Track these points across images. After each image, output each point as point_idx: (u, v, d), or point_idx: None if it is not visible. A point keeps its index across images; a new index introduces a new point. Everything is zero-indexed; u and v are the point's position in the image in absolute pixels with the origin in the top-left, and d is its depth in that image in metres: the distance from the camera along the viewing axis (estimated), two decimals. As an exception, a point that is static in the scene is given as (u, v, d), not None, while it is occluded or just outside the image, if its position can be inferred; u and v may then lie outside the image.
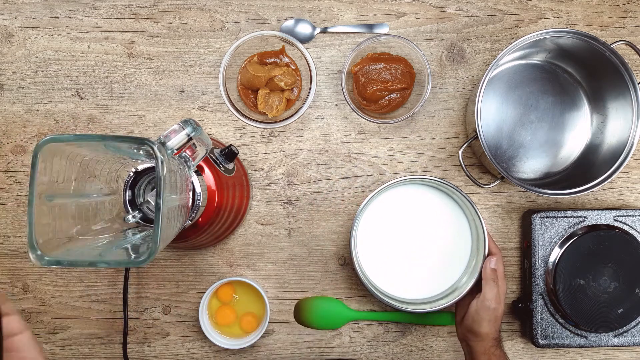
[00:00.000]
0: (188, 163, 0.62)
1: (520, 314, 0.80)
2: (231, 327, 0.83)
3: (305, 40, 0.82)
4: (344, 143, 0.83)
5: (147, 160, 0.63)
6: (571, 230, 0.78)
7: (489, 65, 0.74)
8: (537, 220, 0.78)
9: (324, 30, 0.82)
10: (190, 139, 0.59)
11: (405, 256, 0.79)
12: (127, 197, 0.65)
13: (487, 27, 0.83)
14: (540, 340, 0.78)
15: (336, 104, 0.83)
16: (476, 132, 0.72)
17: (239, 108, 0.78)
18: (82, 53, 0.83)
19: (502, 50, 0.72)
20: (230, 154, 0.72)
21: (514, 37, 0.83)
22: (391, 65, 0.78)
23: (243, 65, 0.80)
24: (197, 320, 0.83)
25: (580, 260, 0.76)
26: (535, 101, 0.81)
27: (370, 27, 0.82)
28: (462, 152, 0.75)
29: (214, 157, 0.71)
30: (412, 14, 0.83)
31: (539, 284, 0.78)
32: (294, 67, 0.80)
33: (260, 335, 0.80)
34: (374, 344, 0.83)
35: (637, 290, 0.76)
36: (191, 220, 0.66)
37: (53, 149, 0.53)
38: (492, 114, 0.81)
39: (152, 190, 0.65)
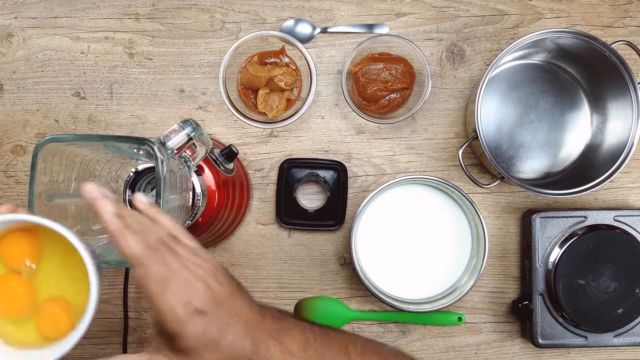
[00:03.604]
0: (188, 163, 0.62)
1: (520, 314, 0.80)
2: (20, 325, 0.46)
3: (305, 40, 0.82)
4: (344, 143, 0.83)
5: (147, 160, 0.63)
6: (571, 230, 0.78)
7: (489, 65, 0.74)
8: (537, 220, 0.78)
9: (324, 30, 0.82)
10: (190, 139, 0.60)
11: (405, 256, 0.79)
12: (127, 197, 0.65)
13: (487, 27, 0.83)
14: (540, 340, 0.78)
15: (336, 104, 0.83)
16: (476, 132, 0.72)
17: (239, 108, 0.78)
18: (82, 53, 0.83)
19: (502, 50, 0.72)
20: (230, 154, 0.72)
21: (514, 37, 0.83)
22: (391, 65, 0.78)
23: (243, 65, 0.80)
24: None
25: (580, 260, 0.76)
26: (535, 101, 0.81)
27: (370, 27, 0.82)
28: (462, 152, 0.75)
29: (214, 157, 0.71)
30: (412, 14, 0.83)
31: (539, 284, 0.78)
32: (294, 67, 0.80)
33: (74, 342, 0.44)
34: (374, 344, 0.83)
35: (637, 290, 0.76)
36: (191, 220, 0.66)
37: (53, 149, 0.53)
38: (492, 114, 0.81)
39: (152, 190, 0.65)
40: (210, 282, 0.44)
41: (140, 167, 0.65)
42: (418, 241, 0.79)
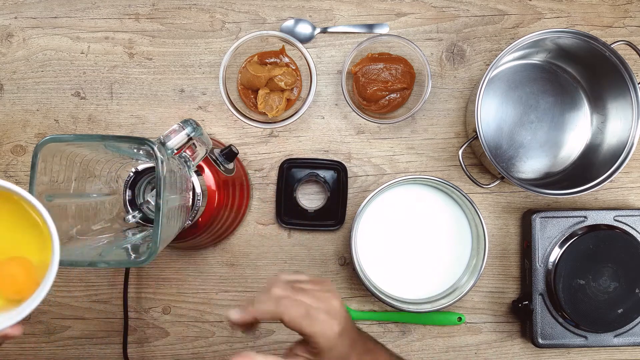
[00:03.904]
0: (188, 163, 0.62)
1: (520, 314, 0.80)
2: None
3: (305, 40, 0.82)
4: (344, 143, 0.83)
5: (147, 160, 0.63)
6: (571, 230, 0.78)
7: (489, 65, 0.74)
8: (537, 220, 0.78)
9: (324, 30, 0.82)
10: (190, 139, 0.60)
11: (405, 256, 0.79)
12: (127, 197, 0.65)
13: (487, 27, 0.83)
14: (540, 340, 0.78)
15: (336, 104, 0.83)
16: (476, 132, 0.72)
17: (239, 108, 0.78)
18: (82, 53, 0.83)
19: (502, 50, 0.72)
20: (230, 154, 0.72)
21: (514, 37, 0.83)
22: (391, 65, 0.78)
23: (243, 65, 0.80)
24: (198, 320, 0.82)
25: (580, 260, 0.76)
26: (535, 101, 0.81)
27: (370, 27, 0.82)
28: (462, 152, 0.75)
29: (214, 157, 0.71)
30: (412, 14, 0.83)
31: (539, 284, 0.78)
32: (294, 67, 0.80)
33: (40, 300, 0.44)
34: (374, 344, 0.83)
35: (637, 290, 0.76)
36: (191, 220, 0.66)
37: (53, 149, 0.53)
38: (492, 114, 0.81)
39: (152, 190, 0.65)
40: (341, 307, 0.54)
41: (140, 167, 0.64)
42: (418, 241, 0.79)
